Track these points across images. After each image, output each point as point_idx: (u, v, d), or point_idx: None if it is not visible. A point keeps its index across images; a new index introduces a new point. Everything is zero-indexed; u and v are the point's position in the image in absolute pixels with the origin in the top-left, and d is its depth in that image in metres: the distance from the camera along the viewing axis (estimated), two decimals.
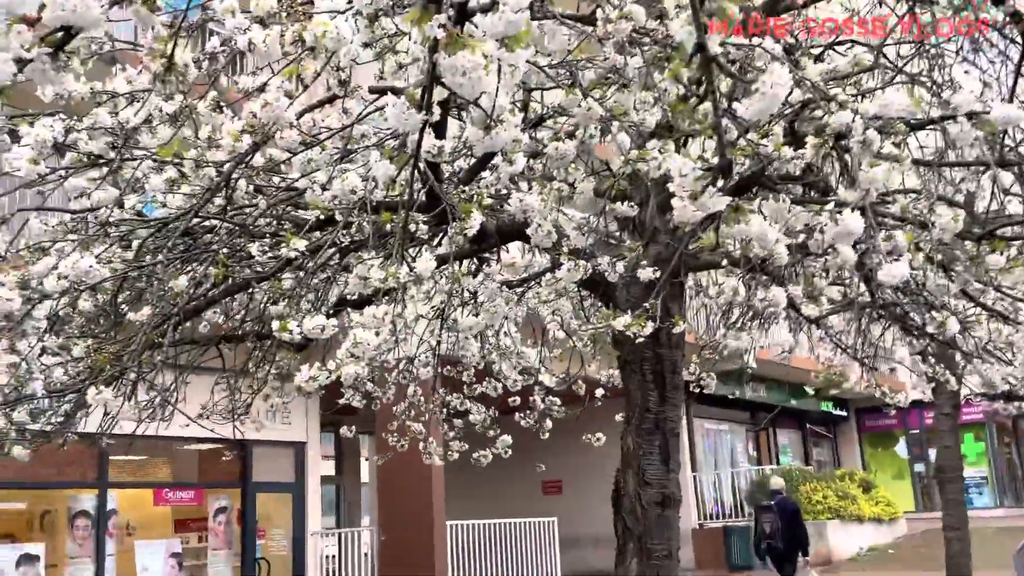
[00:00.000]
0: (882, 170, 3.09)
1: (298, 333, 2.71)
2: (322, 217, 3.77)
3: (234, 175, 3.48)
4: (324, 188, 3.14)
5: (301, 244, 2.88)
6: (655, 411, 4.93)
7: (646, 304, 3.57)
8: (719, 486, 21.01)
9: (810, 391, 9.91)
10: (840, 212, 2.84)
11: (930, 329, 6.66)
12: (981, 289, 6.00)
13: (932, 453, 27.37)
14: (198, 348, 5.78)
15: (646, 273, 3.72)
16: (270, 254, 4.76)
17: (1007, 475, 27.69)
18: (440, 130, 3.51)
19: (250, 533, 13.85)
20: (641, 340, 5.03)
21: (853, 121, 2.69)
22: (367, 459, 10.50)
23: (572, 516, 18.47)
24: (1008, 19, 3.20)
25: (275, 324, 2.69)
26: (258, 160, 3.72)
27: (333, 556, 14.83)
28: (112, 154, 3.15)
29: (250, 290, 4.72)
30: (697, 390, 7.81)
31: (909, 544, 20.09)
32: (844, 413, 27.72)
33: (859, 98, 2.94)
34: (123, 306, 3.66)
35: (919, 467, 27.43)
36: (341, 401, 7.67)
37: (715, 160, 3.00)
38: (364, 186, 2.89)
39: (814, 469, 22.42)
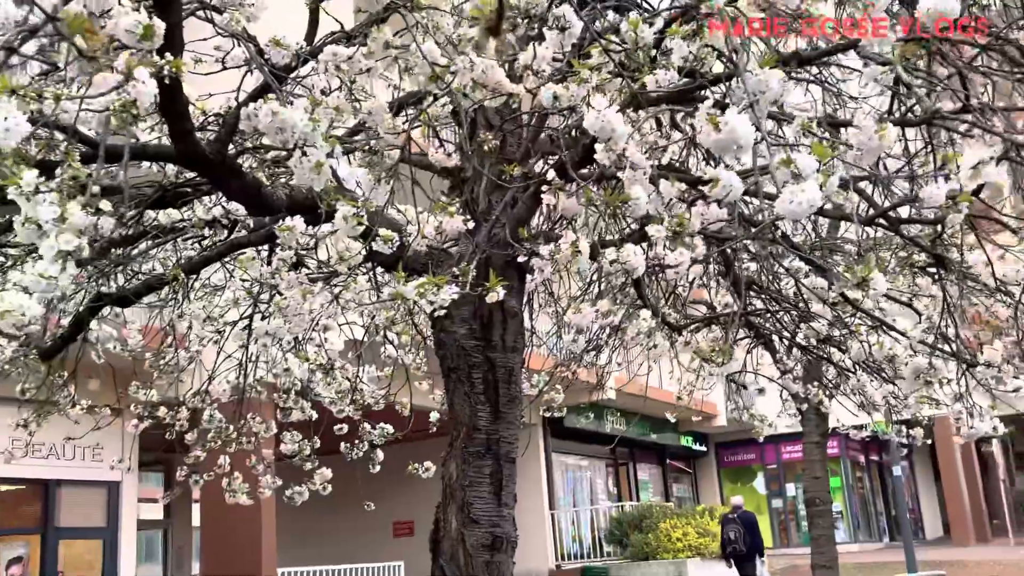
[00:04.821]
0: (777, 76, 2.21)
1: None
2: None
3: None
4: None
5: None
6: (486, 430, 3.94)
7: (455, 269, 2.58)
8: (578, 524, 20.21)
9: (671, 418, 9.17)
10: (722, 114, 1.93)
11: (801, 340, 5.97)
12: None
13: (789, 488, 27.43)
14: None
15: (454, 224, 2.73)
16: None
17: (861, 510, 27.98)
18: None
19: None
20: (471, 343, 4.08)
21: None
22: (170, 496, 9.16)
23: (426, 559, 17.24)
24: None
25: None
26: None
27: None
28: None
29: None
30: (549, 414, 6.94)
31: None
32: (703, 448, 27.50)
33: None
34: None
35: (776, 503, 27.40)
36: (129, 428, 6.40)
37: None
38: None
39: (674, 505, 21.88)
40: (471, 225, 2.94)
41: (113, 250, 4.47)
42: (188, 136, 3.00)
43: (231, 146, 3.48)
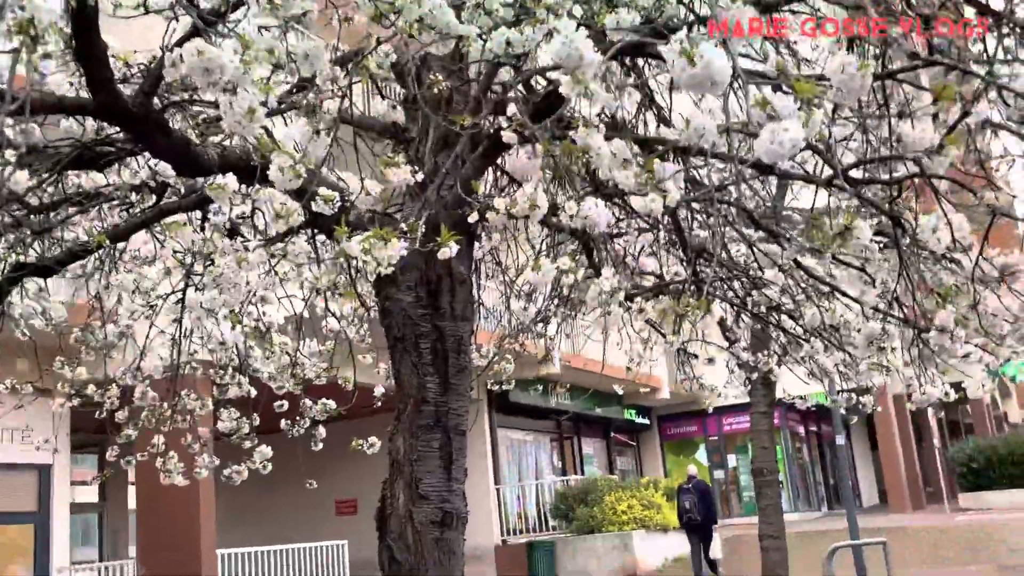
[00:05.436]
0: (750, 12, 2.05)
1: None
2: None
3: None
4: None
5: None
6: (435, 402, 3.76)
7: (403, 225, 2.39)
8: (523, 499, 20.20)
9: (620, 390, 9.12)
10: (697, 47, 1.76)
11: (751, 308, 5.88)
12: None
13: (731, 459, 27.78)
14: None
15: (401, 174, 2.53)
16: None
17: (800, 480, 28.44)
18: None
19: None
20: (418, 311, 3.89)
21: None
22: (102, 477, 8.91)
23: (370, 537, 17.06)
24: None
25: None
26: None
27: None
28: None
29: None
30: (498, 387, 6.78)
31: None
32: (647, 421, 27.67)
33: None
34: None
35: (719, 474, 27.70)
36: (55, 407, 6.08)
37: None
38: None
39: (618, 478, 21.98)
40: (419, 177, 2.74)
41: (32, 217, 4.19)
42: (107, 85, 2.76)
43: (157, 100, 3.24)
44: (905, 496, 26.12)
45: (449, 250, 2.41)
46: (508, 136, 2.41)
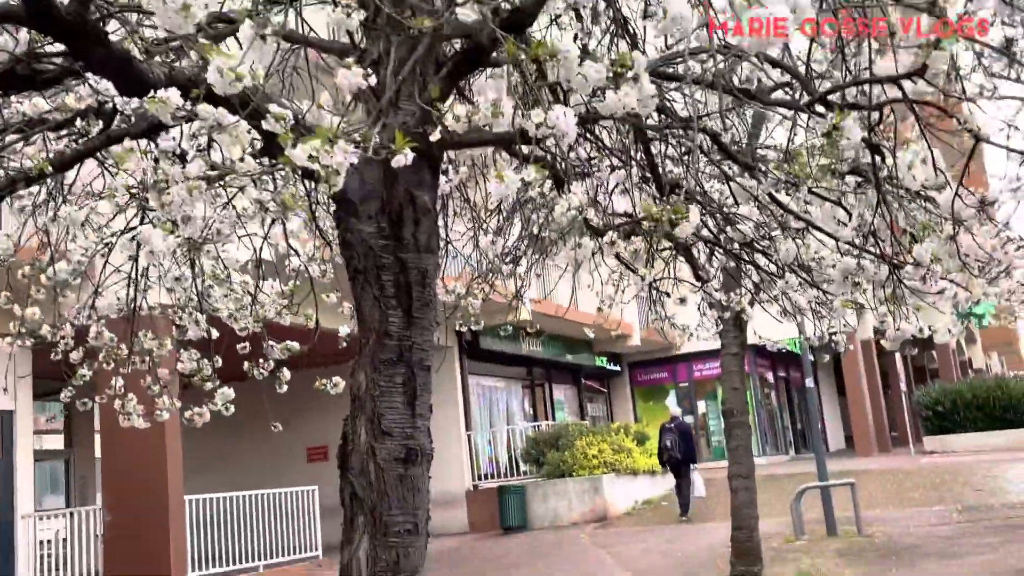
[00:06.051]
0: None
1: None
2: None
3: None
4: None
5: None
6: (398, 336, 3.61)
7: (357, 135, 2.21)
8: (495, 444, 20.25)
9: (590, 334, 9.05)
10: None
11: (725, 244, 5.76)
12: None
13: (701, 405, 28.02)
14: None
15: (352, 77, 2.33)
16: None
17: (768, 424, 28.75)
18: None
19: None
20: (379, 242, 3.72)
21: None
22: (56, 417, 8.75)
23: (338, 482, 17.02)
24: None
25: None
26: None
27: (51, 541, 12.71)
28: None
29: None
30: (465, 328, 6.65)
31: None
32: (617, 368, 27.78)
33: None
34: None
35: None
36: (4, 347, 5.87)
37: None
38: None
39: (589, 424, 22.08)
40: (372, 81, 2.55)
41: None
42: None
43: (96, 10, 3.03)
44: (871, 440, 26.49)
45: (404, 158, 2.24)
46: (463, 12, 2.23)
